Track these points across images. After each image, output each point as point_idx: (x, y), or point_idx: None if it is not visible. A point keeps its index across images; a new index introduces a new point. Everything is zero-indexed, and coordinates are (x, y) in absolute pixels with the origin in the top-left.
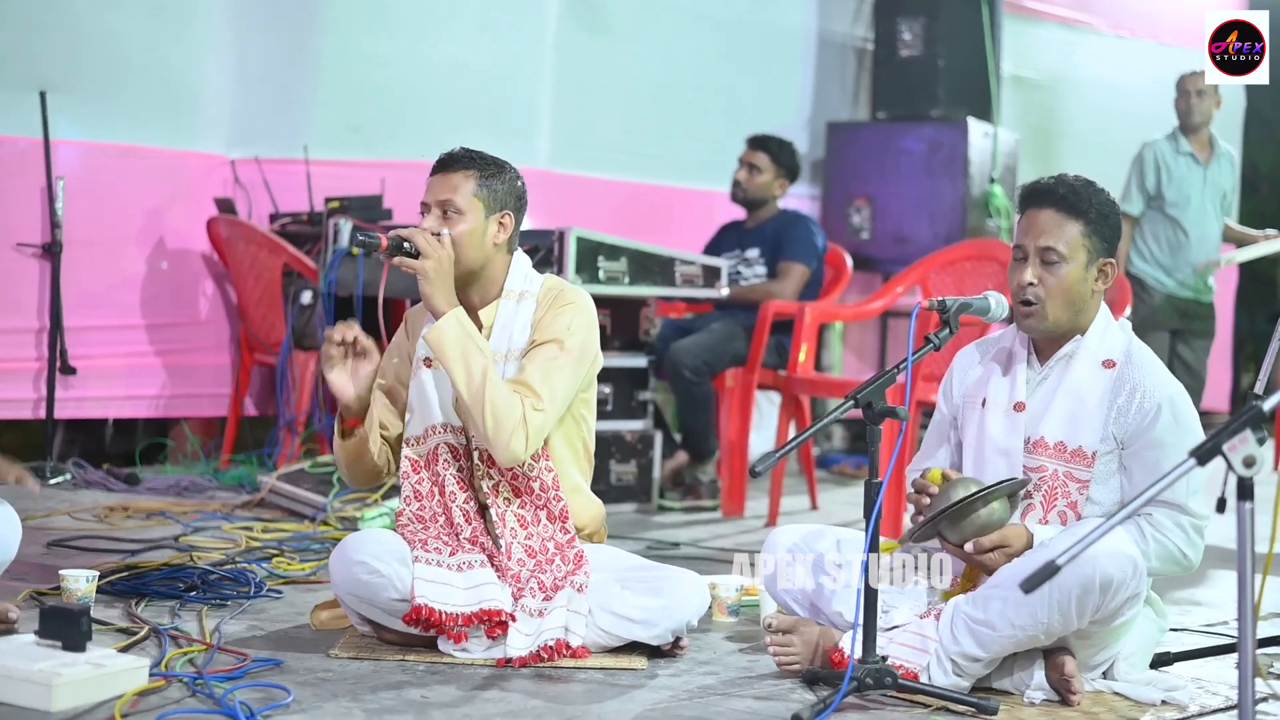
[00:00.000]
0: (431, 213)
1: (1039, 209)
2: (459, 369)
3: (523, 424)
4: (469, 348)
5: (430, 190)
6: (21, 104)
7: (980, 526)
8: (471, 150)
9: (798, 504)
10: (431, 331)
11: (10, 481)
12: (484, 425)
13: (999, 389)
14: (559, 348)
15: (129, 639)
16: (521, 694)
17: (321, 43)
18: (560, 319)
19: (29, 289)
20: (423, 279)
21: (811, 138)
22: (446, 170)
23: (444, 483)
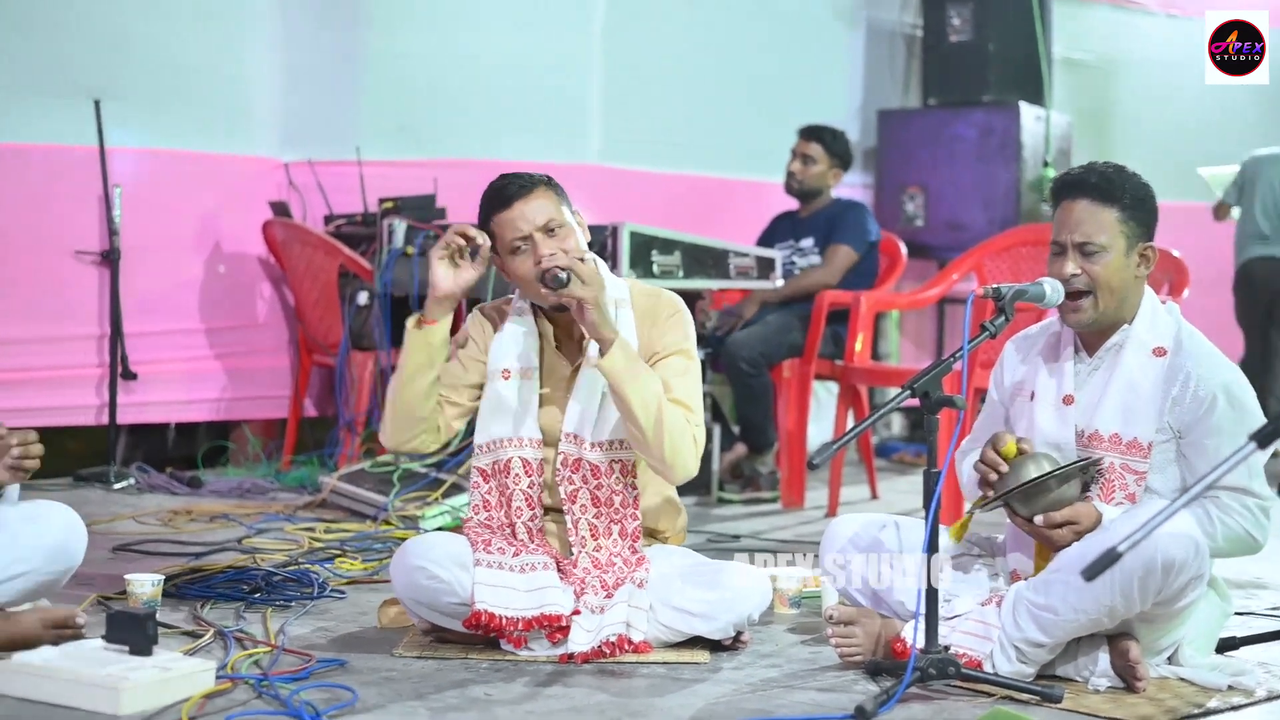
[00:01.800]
0: (536, 239)
1: (1073, 201)
2: (635, 396)
3: (693, 443)
4: (640, 373)
5: (523, 219)
6: (76, 113)
7: (1051, 502)
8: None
9: (858, 494)
10: (606, 361)
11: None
12: (662, 449)
13: (1046, 382)
14: (686, 359)
15: (194, 642)
16: (585, 689)
17: (370, 43)
18: (676, 329)
19: (89, 296)
20: (590, 308)
21: (863, 126)
22: (526, 194)
23: (511, 496)
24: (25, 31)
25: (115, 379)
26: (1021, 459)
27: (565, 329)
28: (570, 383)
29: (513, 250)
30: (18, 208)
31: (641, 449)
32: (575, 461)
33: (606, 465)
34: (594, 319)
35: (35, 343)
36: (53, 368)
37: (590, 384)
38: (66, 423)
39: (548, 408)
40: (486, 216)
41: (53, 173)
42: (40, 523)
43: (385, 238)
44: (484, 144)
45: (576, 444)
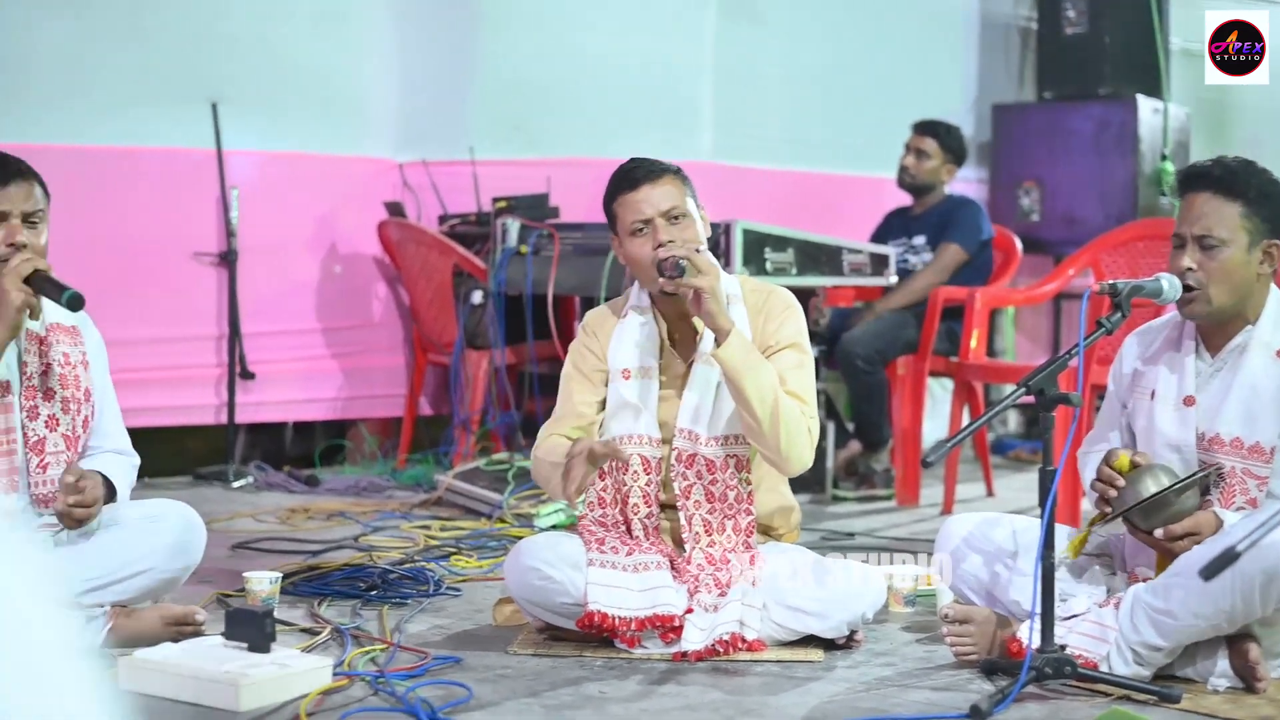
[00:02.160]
0: (657, 224)
1: (1195, 193)
2: (751, 385)
3: (808, 434)
4: (756, 362)
5: (648, 203)
6: (195, 117)
7: (1171, 515)
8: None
9: (973, 491)
10: (723, 351)
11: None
12: (778, 439)
13: (1167, 381)
14: (800, 353)
15: (312, 639)
16: (699, 687)
17: (484, 43)
18: (789, 325)
19: (207, 297)
20: (707, 297)
21: (977, 120)
22: (654, 179)
23: (628, 494)
24: (144, 37)
25: (234, 378)
26: (1137, 472)
27: (678, 324)
28: (684, 379)
29: (633, 232)
30: (138, 211)
31: (757, 440)
32: (690, 457)
33: (721, 460)
34: (711, 308)
35: (155, 343)
36: (173, 368)
37: (704, 379)
38: (186, 422)
39: (663, 404)
40: (612, 196)
41: (171, 176)
42: (160, 521)
43: (499, 237)
44: (597, 142)
45: (691, 440)
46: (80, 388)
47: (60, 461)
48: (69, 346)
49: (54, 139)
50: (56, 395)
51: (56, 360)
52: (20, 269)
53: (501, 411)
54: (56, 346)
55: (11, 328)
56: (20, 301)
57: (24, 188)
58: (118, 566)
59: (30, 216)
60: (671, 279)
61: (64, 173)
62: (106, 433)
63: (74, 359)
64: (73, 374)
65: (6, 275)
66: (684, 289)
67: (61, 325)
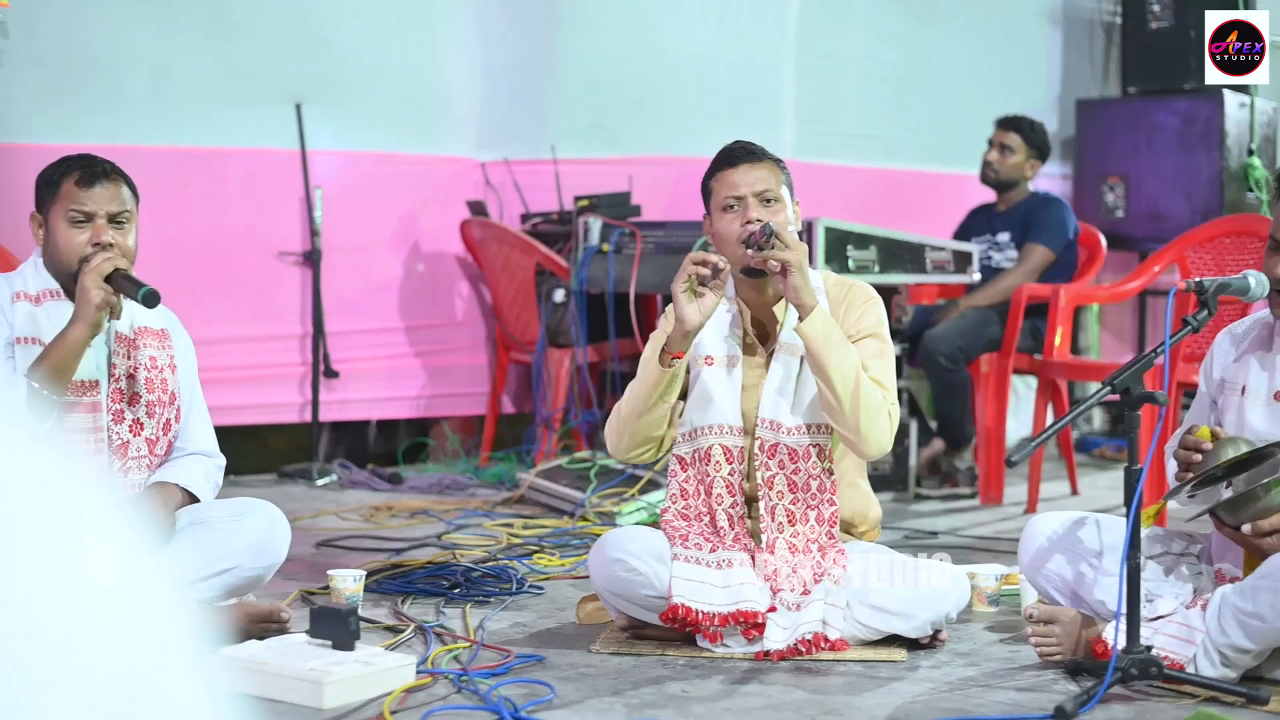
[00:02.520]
0: (749, 202)
1: None
2: (833, 362)
3: (888, 418)
4: (839, 340)
5: (744, 181)
6: (279, 117)
7: (1259, 510)
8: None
9: (1058, 489)
10: (807, 325)
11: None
12: (856, 418)
13: (1258, 378)
14: (880, 341)
15: (396, 637)
16: (782, 686)
17: (565, 42)
18: (870, 314)
19: (291, 296)
20: (794, 272)
21: (1061, 116)
22: (754, 161)
23: (711, 484)
24: (228, 38)
25: (318, 377)
26: (1220, 441)
27: (761, 312)
28: (765, 368)
29: (724, 208)
30: (224, 211)
31: (836, 419)
32: (772, 447)
33: (804, 449)
34: (796, 282)
35: (240, 342)
36: (257, 366)
37: (786, 367)
38: (271, 420)
39: (744, 393)
40: (710, 173)
41: (256, 176)
42: (245, 519)
43: (581, 235)
44: (678, 140)
45: (774, 429)
46: (166, 391)
47: (142, 466)
48: (156, 350)
49: (143, 140)
50: (141, 399)
51: (143, 363)
52: (101, 268)
53: (583, 409)
54: (144, 350)
55: (92, 325)
56: (100, 299)
57: (110, 189)
58: (204, 564)
59: (116, 217)
60: (759, 248)
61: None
62: (193, 434)
63: (161, 362)
64: (159, 377)
65: (87, 274)
66: (770, 263)
67: (150, 329)
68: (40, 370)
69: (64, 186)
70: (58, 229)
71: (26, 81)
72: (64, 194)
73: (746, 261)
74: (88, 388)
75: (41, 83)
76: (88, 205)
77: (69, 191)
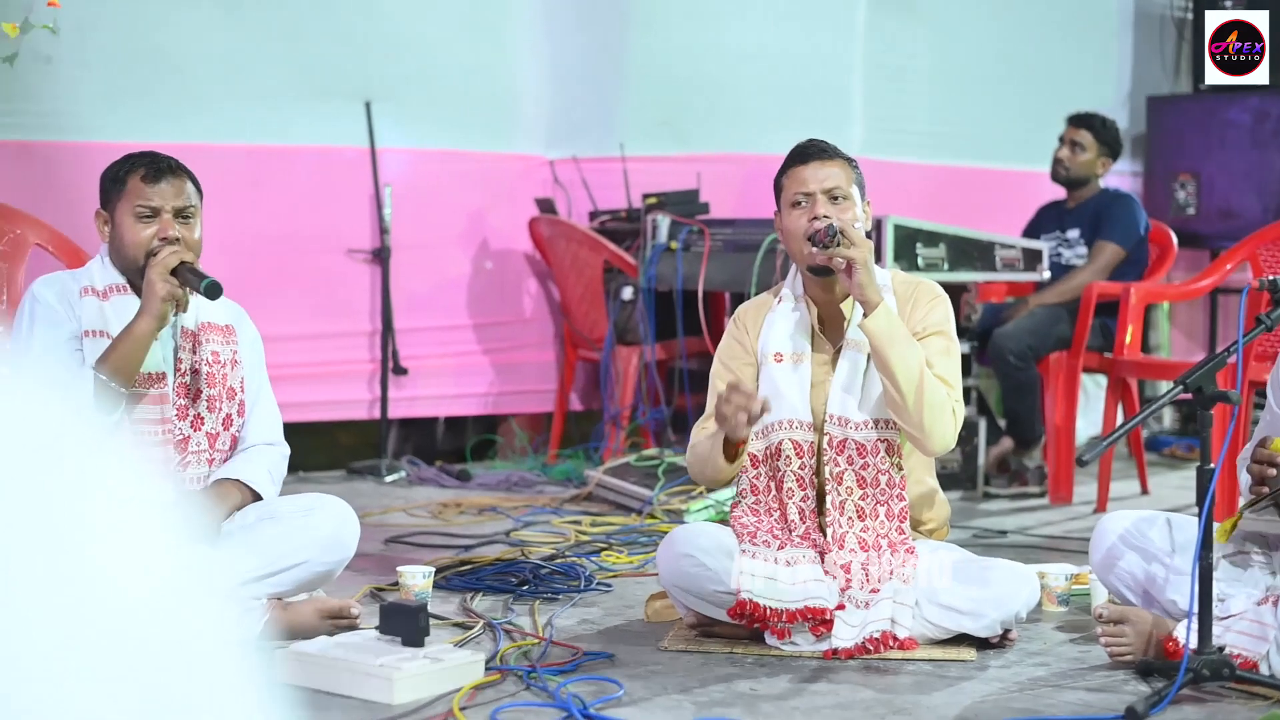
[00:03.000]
0: (818, 199)
1: None
2: (897, 358)
3: (952, 415)
4: (904, 336)
5: (813, 178)
6: (349, 115)
7: None
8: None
9: (1128, 489)
10: (871, 321)
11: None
12: (920, 415)
13: None
14: (946, 339)
15: (465, 633)
16: (850, 685)
17: (633, 40)
18: (936, 311)
19: (361, 293)
20: (859, 268)
21: (1131, 113)
22: (825, 158)
23: (782, 479)
24: (299, 37)
25: (386, 374)
26: None
27: (827, 310)
28: (833, 365)
29: (793, 204)
30: (292, 208)
31: (900, 415)
32: (840, 443)
33: (872, 444)
34: (862, 279)
35: (310, 339)
36: (327, 363)
37: (853, 364)
38: (340, 417)
39: (813, 389)
40: (783, 170)
41: (326, 173)
42: (314, 515)
43: (649, 233)
44: (746, 138)
45: (842, 425)
46: (226, 386)
47: (201, 461)
48: (220, 345)
49: (212, 138)
50: (203, 394)
51: (205, 358)
52: (167, 261)
53: (651, 407)
54: (207, 345)
55: (158, 318)
56: (165, 292)
57: (175, 184)
58: (274, 559)
59: (182, 212)
60: (824, 247)
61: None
62: (259, 424)
63: (224, 357)
64: (220, 372)
65: (153, 267)
66: (836, 259)
67: (214, 324)
68: (107, 363)
69: (130, 183)
70: (124, 224)
71: (96, 80)
72: (130, 190)
73: (812, 259)
74: (155, 379)
75: (111, 81)
76: (154, 201)
77: (135, 187)
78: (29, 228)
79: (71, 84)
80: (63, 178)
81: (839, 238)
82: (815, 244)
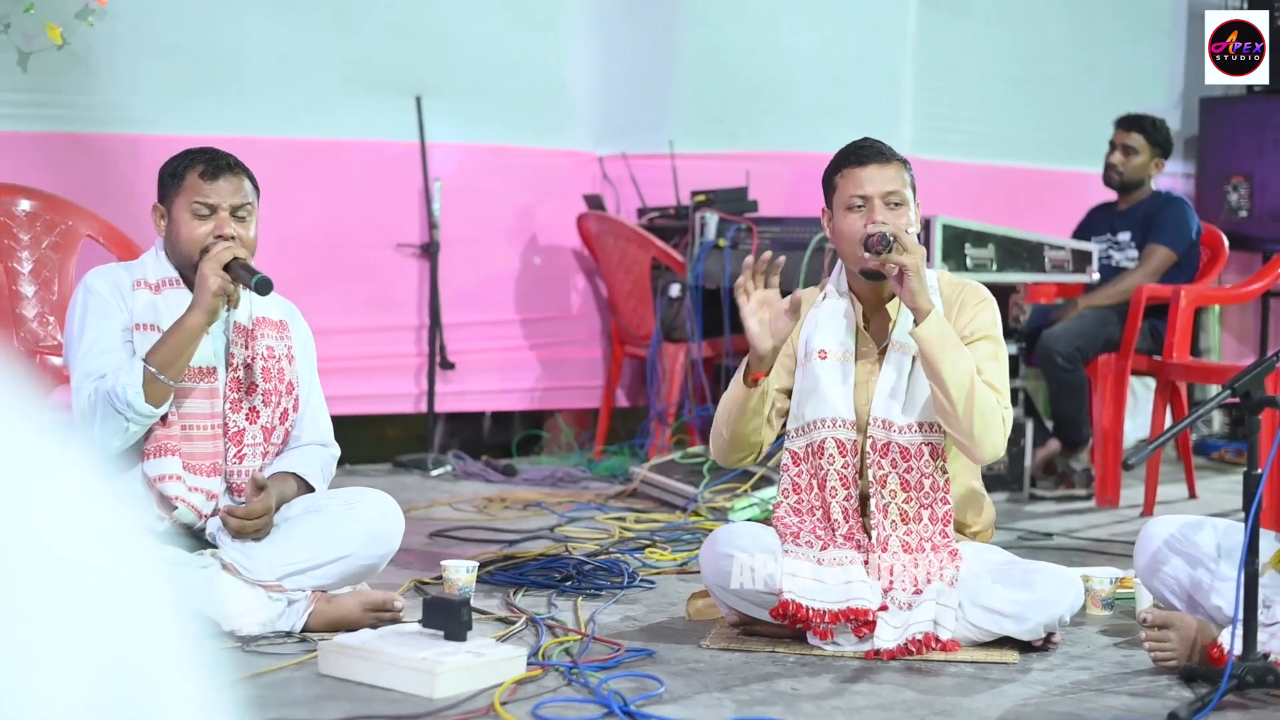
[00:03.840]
0: (875, 204)
1: None
2: (948, 365)
3: (1001, 422)
4: (954, 344)
5: (871, 182)
6: (399, 109)
7: None
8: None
9: (1176, 492)
10: (922, 329)
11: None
12: (970, 423)
13: None
14: (994, 343)
15: (507, 628)
16: (891, 686)
17: (683, 36)
18: (984, 315)
19: (409, 288)
20: (911, 276)
21: (1184, 114)
22: (883, 161)
23: (825, 478)
24: (349, 32)
25: (434, 368)
26: None
27: (873, 310)
28: (878, 366)
29: (849, 207)
30: (342, 202)
31: (950, 423)
32: (884, 445)
33: (916, 448)
34: (913, 286)
35: (358, 332)
36: (375, 357)
37: (898, 366)
38: (387, 410)
39: (856, 390)
40: (836, 168)
41: (376, 168)
42: (359, 508)
43: (697, 230)
44: (796, 136)
45: (886, 428)
46: (283, 381)
47: (256, 454)
48: (274, 340)
49: (263, 132)
50: (258, 388)
51: (260, 353)
52: (220, 256)
53: (697, 404)
54: (261, 340)
55: (209, 312)
56: (217, 287)
57: (233, 182)
58: (318, 552)
59: (238, 210)
60: (877, 254)
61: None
62: (310, 424)
63: (278, 352)
64: (275, 367)
65: (207, 262)
66: (888, 265)
67: (268, 319)
68: (157, 355)
69: (188, 179)
70: (181, 220)
71: (150, 74)
72: (188, 186)
73: (864, 263)
74: (205, 374)
75: (165, 75)
76: (211, 198)
77: (193, 184)
78: (80, 219)
79: (125, 78)
80: (116, 171)
81: (894, 246)
82: (869, 250)
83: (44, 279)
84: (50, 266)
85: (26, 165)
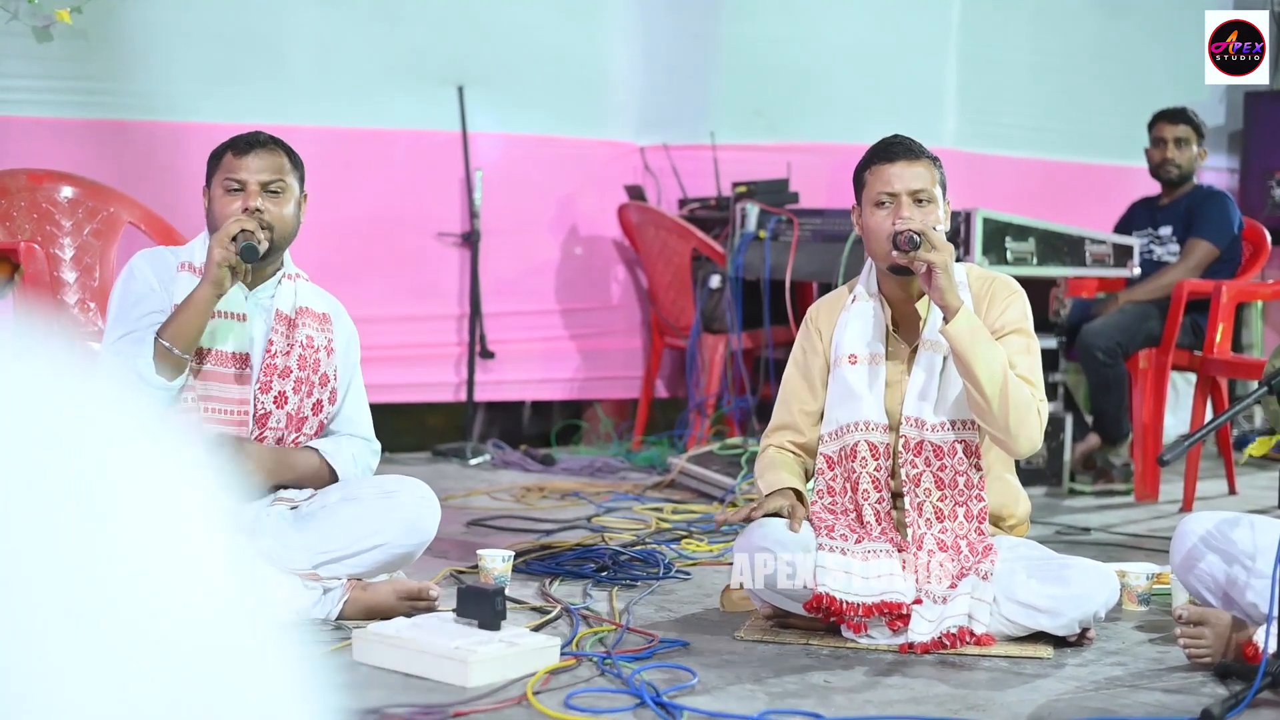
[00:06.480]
0: (903, 201)
1: None
2: (980, 362)
3: (1037, 415)
4: (985, 340)
5: (899, 179)
6: (441, 99)
7: None
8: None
9: (1215, 488)
10: (952, 326)
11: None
12: (1005, 419)
13: None
14: (1025, 337)
15: (542, 618)
16: (925, 680)
17: (725, 27)
18: (1014, 309)
19: (450, 277)
20: (939, 272)
21: (1228, 109)
22: (911, 158)
23: (858, 480)
24: (393, 22)
25: (474, 357)
26: None
27: (903, 309)
28: (908, 365)
29: (877, 203)
30: (384, 191)
31: (985, 418)
32: (917, 444)
33: (949, 446)
34: (942, 284)
35: (399, 321)
36: (415, 345)
37: (929, 365)
38: (427, 399)
39: (888, 390)
40: (865, 164)
41: (417, 157)
42: (395, 496)
43: (738, 221)
44: (838, 128)
45: (918, 426)
46: (317, 371)
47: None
48: (314, 331)
49: (307, 120)
50: (292, 374)
51: (299, 341)
52: (228, 229)
53: (737, 396)
54: (302, 329)
55: (214, 283)
56: (220, 257)
57: (265, 158)
58: (354, 540)
59: (270, 185)
60: (905, 252)
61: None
62: (350, 419)
63: (318, 343)
64: (312, 356)
65: (215, 235)
66: (916, 263)
67: (312, 310)
68: (168, 329)
69: (224, 158)
70: (215, 197)
71: (193, 62)
72: (223, 165)
73: (892, 260)
74: (238, 360)
75: (207, 63)
76: (240, 174)
77: (227, 162)
78: (122, 206)
79: (169, 65)
80: (159, 158)
81: (921, 244)
82: (897, 248)
83: (85, 265)
84: (92, 253)
85: (68, 152)
